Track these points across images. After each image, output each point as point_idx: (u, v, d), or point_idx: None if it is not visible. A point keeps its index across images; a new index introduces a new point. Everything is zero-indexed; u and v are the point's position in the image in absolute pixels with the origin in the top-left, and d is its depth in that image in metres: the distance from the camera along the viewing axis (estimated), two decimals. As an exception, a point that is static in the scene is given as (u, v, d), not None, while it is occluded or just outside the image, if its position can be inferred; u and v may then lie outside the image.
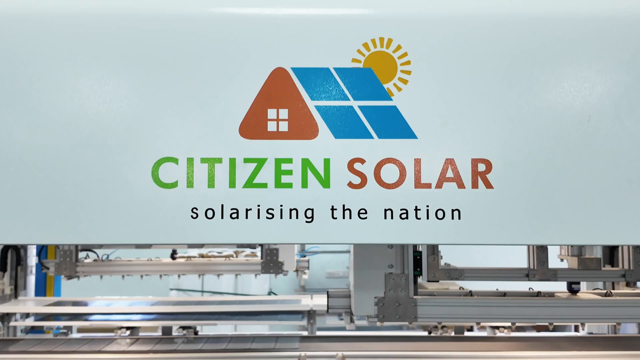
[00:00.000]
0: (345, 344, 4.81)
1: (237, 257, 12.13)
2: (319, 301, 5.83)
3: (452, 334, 5.69)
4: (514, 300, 2.99)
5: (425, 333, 5.25)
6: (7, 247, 5.81)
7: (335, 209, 1.76)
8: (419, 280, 3.02)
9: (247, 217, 1.75)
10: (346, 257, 12.41)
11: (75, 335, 5.58)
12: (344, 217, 1.76)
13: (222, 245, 5.99)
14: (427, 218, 1.76)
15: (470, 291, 3.03)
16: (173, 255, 6.33)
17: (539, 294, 3.17)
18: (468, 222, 1.76)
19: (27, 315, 5.52)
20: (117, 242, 1.76)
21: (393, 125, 1.77)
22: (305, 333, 5.62)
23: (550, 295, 3.14)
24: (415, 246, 2.95)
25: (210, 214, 1.75)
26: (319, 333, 5.67)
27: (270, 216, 1.76)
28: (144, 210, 1.74)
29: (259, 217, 1.75)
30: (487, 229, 1.76)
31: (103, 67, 1.73)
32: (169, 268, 5.93)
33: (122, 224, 1.74)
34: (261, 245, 5.89)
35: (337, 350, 4.36)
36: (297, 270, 6.01)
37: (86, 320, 5.27)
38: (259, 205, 1.76)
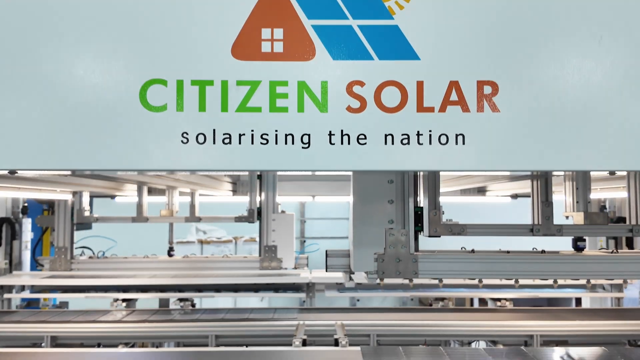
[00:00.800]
0: (344, 314, 4.76)
1: (236, 243, 11.97)
2: (318, 274, 5.78)
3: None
4: (518, 256, 2.89)
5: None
6: (1, 221, 5.74)
7: (333, 135, 1.67)
8: (421, 235, 2.92)
9: (240, 143, 1.66)
10: (346, 225, 12.35)
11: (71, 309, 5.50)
12: (342, 143, 1.67)
13: (212, 187, 5.85)
14: (430, 143, 1.67)
15: (472, 249, 2.94)
16: (170, 253, 6.22)
17: (543, 252, 3.09)
18: (473, 147, 1.67)
19: (22, 288, 5.45)
20: (104, 168, 1.67)
21: (394, 45, 1.67)
22: (304, 306, 5.56)
23: (555, 253, 3.07)
24: (416, 201, 2.85)
25: (201, 139, 1.66)
26: (318, 306, 5.61)
27: (264, 142, 1.67)
28: (132, 135, 1.65)
29: (252, 143, 1.67)
30: (492, 155, 1.67)
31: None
32: (165, 265, 5.84)
33: (108, 150, 1.65)
34: (260, 241, 5.76)
35: (336, 320, 4.30)
36: (296, 267, 5.97)
37: (82, 292, 5.20)
38: (252, 131, 1.67)
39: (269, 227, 5.67)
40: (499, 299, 5.20)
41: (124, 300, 5.02)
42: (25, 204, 5.97)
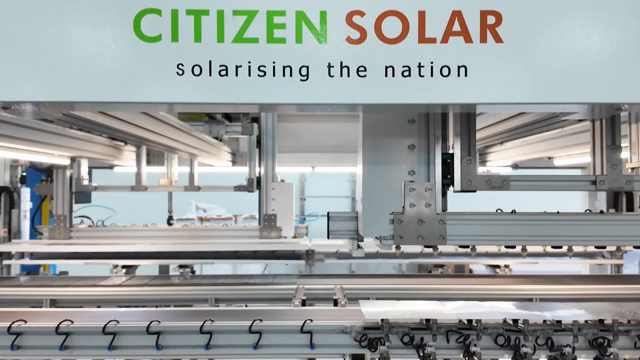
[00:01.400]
0: (344, 279, 4.76)
1: (235, 220, 11.94)
2: (318, 242, 5.77)
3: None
4: (573, 218, 2.37)
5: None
6: (0, 190, 5.71)
7: (332, 67, 1.63)
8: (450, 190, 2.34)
9: (236, 75, 1.62)
10: (347, 203, 12.34)
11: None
12: (341, 75, 1.63)
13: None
14: (431, 75, 1.63)
15: (513, 210, 2.39)
16: (169, 222, 6.22)
17: (602, 212, 2.69)
18: (475, 79, 1.63)
19: (22, 256, 5.45)
20: (98, 101, 1.63)
21: (395, -27, 1.62)
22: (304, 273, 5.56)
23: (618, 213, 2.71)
24: (444, 147, 2.32)
25: (197, 70, 1.62)
26: (317, 272, 5.62)
27: (262, 74, 1.63)
28: (126, 66, 1.61)
29: (249, 75, 1.63)
30: (495, 87, 1.63)
31: None
32: (164, 234, 5.79)
33: (102, 81, 1.61)
34: (259, 209, 5.67)
35: (335, 284, 4.29)
36: (295, 237, 5.95)
37: (81, 259, 5.19)
38: (249, 62, 1.63)
39: (269, 196, 5.60)
40: (498, 266, 5.20)
41: (123, 267, 5.02)
42: (24, 173, 5.94)
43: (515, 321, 2.67)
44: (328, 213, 2.50)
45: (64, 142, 4.13)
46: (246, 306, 3.90)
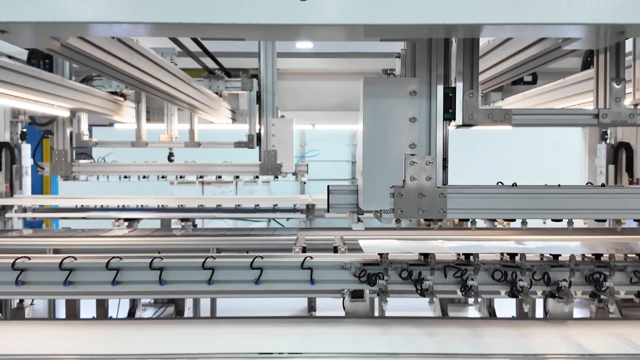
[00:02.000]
0: (344, 231, 4.80)
1: (236, 184, 11.95)
2: (319, 197, 5.80)
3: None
4: (572, 190, 2.38)
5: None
6: (0, 146, 5.72)
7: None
8: (452, 125, 2.33)
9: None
10: (347, 167, 12.38)
11: (73, 230, 5.54)
12: (342, -5, 1.60)
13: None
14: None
15: (514, 183, 2.41)
16: (170, 158, 6.24)
17: (603, 186, 2.69)
18: (479, -3, 1.60)
19: (24, 210, 5.49)
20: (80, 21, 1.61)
21: None
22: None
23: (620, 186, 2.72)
24: (446, 80, 2.27)
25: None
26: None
27: (260, -8, 1.60)
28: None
29: (247, -7, 1.60)
30: (500, 5, 1.61)
31: None
32: (167, 169, 5.85)
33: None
34: (259, 146, 5.65)
35: (335, 235, 4.34)
36: (296, 173, 5.95)
37: (84, 211, 5.23)
38: (247, -21, 1.60)
39: (269, 132, 5.46)
40: (494, 220, 5.22)
41: (125, 220, 5.06)
42: (24, 130, 5.94)
43: (513, 258, 2.71)
44: (328, 186, 2.52)
45: (64, 93, 4.12)
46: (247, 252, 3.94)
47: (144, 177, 5.63)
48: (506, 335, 2.62)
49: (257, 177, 6.00)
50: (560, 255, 2.72)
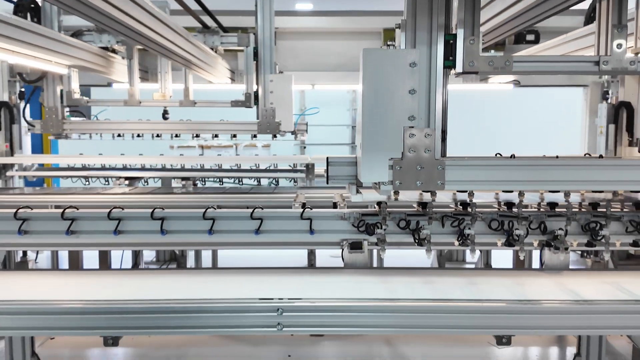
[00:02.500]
0: (344, 190, 4.82)
1: (236, 148, 11.95)
2: (319, 156, 5.81)
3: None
4: (569, 162, 2.40)
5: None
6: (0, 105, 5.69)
7: None
8: (452, 73, 2.32)
9: None
10: (347, 132, 12.35)
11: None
12: None
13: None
14: None
15: (512, 155, 2.46)
16: (164, 116, 6.03)
17: (601, 157, 2.72)
18: None
19: (24, 170, 5.51)
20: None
21: None
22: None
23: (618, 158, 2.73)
24: (447, 27, 2.25)
25: None
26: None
27: None
28: None
29: None
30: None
31: None
32: (162, 127, 5.68)
33: None
34: (257, 105, 5.41)
35: (335, 193, 4.36)
36: (295, 132, 5.75)
37: (84, 170, 5.24)
38: None
39: (267, 89, 5.02)
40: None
41: (126, 178, 5.08)
42: (22, 89, 5.89)
43: (510, 208, 2.73)
44: (327, 158, 2.57)
45: (58, 48, 4.07)
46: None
47: (138, 135, 5.49)
48: (501, 283, 2.67)
49: (255, 136, 5.50)
50: (557, 205, 2.74)
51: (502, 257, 4.19)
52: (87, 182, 5.46)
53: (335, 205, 3.77)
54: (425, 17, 2.29)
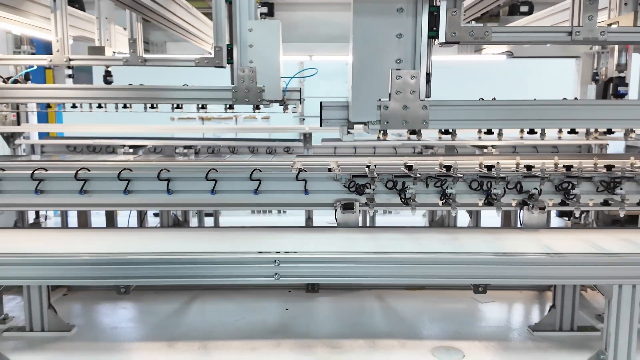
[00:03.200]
0: (339, 157, 5.03)
1: (236, 120, 12.02)
2: (317, 126, 5.99)
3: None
4: (546, 102, 2.60)
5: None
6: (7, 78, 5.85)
7: None
8: (435, 43, 2.47)
9: None
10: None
11: (80, 157, 5.76)
12: None
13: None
14: None
15: (493, 98, 2.63)
16: (106, 79, 4.70)
17: (576, 99, 2.91)
18: None
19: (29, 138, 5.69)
20: None
21: None
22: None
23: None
24: (432, 0, 2.38)
25: None
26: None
27: None
28: None
29: None
30: None
31: None
32: (103, 94, 3.96)
33: None
34: (230, 61, 3.48)
35: (331, 161, 4.57)
36: (284, 102, 3.95)
37: (90, 139, 5.43)
38: None
39: (244, 41, 3.40)
40: (485, 147, 5.44)
41: (130, 147, 5.28)
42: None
43: (490, 169, 2.95)
44: (320, 102, 2.72)
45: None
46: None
47: (152, 106, 4.09)
48: (482, 239, 2.91)
49: (230, 107, 3.72)
50: (533, 167, 2.96)
51: (491, 221, 4.40)
52: (91, 151, 5.66)
53: (330, 170, 4.00)
54: (411, 27, 2.42)
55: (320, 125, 2.77)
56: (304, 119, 12.74)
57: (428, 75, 2.50)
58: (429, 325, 3.38)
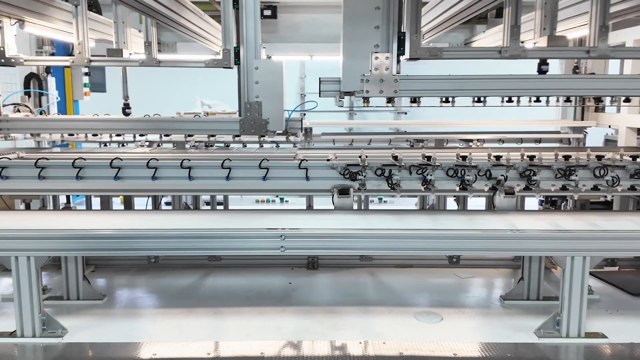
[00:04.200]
0: (338, 150, 5.51)
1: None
2: (316, 120, 6.47)
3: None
4: (486, 76, 3.41)
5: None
6: (29, 76, 6.33)
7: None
8: (402, 58, 3.26)
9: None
10: (346, 100, 12.92)
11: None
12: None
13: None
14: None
15: (449, 75, 3.37)
16: (125, 111, 5.53)
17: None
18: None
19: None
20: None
21: None
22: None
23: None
24: (400, 26, 3.18)
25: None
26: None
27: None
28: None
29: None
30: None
31: None
32: (118, 125, 4.47)
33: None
34: (237, 62, 3.85)
35: (330, 153, 5.05)
36: (287, 132, 4.27)
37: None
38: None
39: (250, 78, 3.80)
40: (471, 140, 5.92)
41: (146, 140, 5.76)
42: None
43: (464, 159, 3.43)
44: (320, 78, 3.42)
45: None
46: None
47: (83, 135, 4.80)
48: (459, 220, 3.39)
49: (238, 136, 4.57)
50: (501, 157, 3.45)
51: (475, 204, 4.88)
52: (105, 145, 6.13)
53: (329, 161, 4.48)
54: (387, 21, 3.21)
55: (320, 96, 3.45)
56: (304, 114, 13.28)
57: (398, 56, 3.23)
58: (415, 296, 3.87)
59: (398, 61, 3.27)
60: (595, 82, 3.54)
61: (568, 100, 4.16)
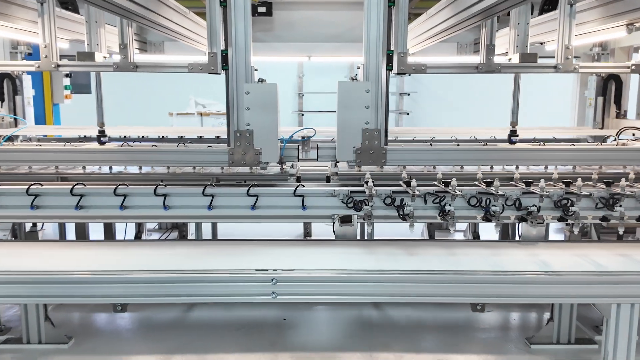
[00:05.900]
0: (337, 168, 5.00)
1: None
2: (316, 128, 5.96)
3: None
4: (464, 148, 3.79)
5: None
6: (2, 76, 5.81)
7: None
8: (391, 74, 3.33)
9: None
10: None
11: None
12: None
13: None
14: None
15: (432, 138, 4.08)
16: (100, 139, 4.17)
17: (485, 144, 4.01)
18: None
19: (29, 139, 5.67)
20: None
21: None
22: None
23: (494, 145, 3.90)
24: (388, 44, 3.30)
25: None
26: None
27: None
28: None
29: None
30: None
31: None
32: (99, 157, 3.82)
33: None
34: (225, 67, 3.37)
35: (329, 167, 4.54)
36: (282, 163, 3.78)
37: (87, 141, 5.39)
38: None
39: (240, 104, 3.38)
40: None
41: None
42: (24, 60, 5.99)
43: (488, 185, 2.93)
44: (317, 145, 3.78)
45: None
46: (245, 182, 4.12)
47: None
48: (479, 254, 2.89)
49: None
50: (532, 182, 2.94)
51: (489, 227, 4.40)
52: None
53: (328, 179, 3.98)
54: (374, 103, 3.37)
55: (317, 160, 3.76)
56: (302, 115, 12.78)
57: (386, 130, 3.42)
58: (427, 337, 3.38)
59: (386, 135, 3.44)
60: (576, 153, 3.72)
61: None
